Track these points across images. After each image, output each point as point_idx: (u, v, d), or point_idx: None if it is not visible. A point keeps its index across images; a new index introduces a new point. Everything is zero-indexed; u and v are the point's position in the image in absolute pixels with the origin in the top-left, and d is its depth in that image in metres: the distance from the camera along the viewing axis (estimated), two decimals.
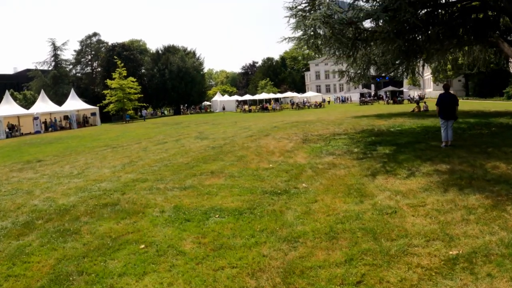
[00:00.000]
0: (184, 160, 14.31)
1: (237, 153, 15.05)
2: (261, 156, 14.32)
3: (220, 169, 12.29)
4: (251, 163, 13.05)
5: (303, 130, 21.99)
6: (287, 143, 17.03)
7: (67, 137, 34.05)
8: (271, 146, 16.41)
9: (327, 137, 18.05)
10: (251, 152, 15.24)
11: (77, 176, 13.15)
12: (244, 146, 16.90)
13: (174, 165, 13.53)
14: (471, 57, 29.54)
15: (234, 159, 13.92)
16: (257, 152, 15.05)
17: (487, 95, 58.57)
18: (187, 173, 11.95)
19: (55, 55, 71.52)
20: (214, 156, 14.71)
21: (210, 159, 14.15)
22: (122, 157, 16.69)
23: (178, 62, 73.23)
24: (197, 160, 14.20)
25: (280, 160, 13.27)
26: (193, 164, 13.39)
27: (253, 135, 20.99)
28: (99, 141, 25.84)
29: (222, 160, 13.88)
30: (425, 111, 33.61)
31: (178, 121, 44.63)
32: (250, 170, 11.81)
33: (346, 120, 26.99)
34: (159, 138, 23.96)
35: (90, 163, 15.76)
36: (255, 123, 30.89)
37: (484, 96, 59.55)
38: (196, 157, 14.89)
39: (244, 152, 15.18)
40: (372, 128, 20.90)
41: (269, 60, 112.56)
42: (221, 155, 14.97)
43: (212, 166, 12.86)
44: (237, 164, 12.99)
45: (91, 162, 16.13)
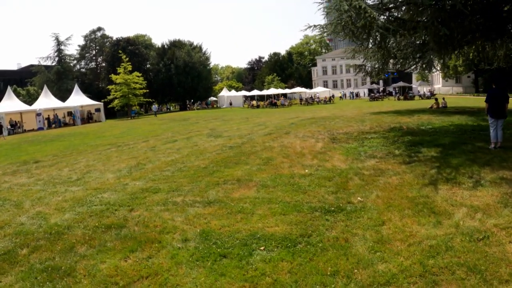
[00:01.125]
0: (201, 163, 12.20)
1: (261, 155, 12.98)
2: (291, 158, 12.24)
3: (247, 175, 10.18)
4: (282, 167, 10.95)
5: (325, 127, 20.01)
6: (314, 143, 14.99)
7: (70, 134, 32.02)
8: (298, 146, 14.35)
9: (356, 136, 16.08)
10: (276, 153, 13.18)
11: (76, 182, 11.08)
12: (266, 145, 14.82)
13: (189, 169, 11.44)
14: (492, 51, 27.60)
15: (260, 162, 11.83)
16: (285, 154, 12.96)
17: None
18: (207, 180, 9.85)
19: (59, 50, 69.39)
20: (235, 158, 12.63)
21: (231, 162, 12.06)
22: (128, 158, 14.61)
23: (184, 56, 70.99)
24: (216, 163, 12.11)
25: (315, 164, 11.19)
26: (212, 169, 11.30)
27: (272, 132, 18.97)
28: (103, 139, 23.78)
29: (246, 163, 11.78)
30: (444, 108, 31.44)
31: (185, 117, 42.52)
32: (284, 178, 9.70)
33: (366, 117, 24.90)
34: (168, 135, 21.87)
35: (92, 166, 13.68)
36: (269, 119, 28.84)
37: None
38: (214, 159, 12.81)
39: (269, 154, 13.09)
40: (400, 126, 18.92)
41: (275, 55, 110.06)
42: (243, 156, 12.89)
43: (236, 171, 10.77)
44: (266, 169, 10.89)
45: (93, 164, 14.04)
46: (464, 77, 73.24)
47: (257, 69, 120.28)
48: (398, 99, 58.18)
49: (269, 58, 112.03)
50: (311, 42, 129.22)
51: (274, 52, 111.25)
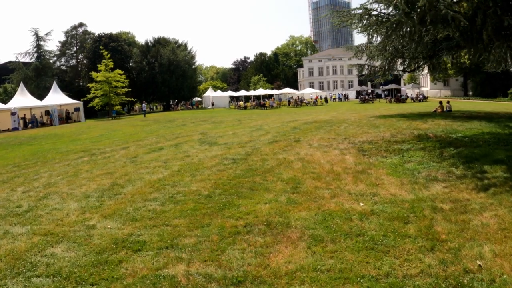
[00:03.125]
0: (200, 187, 8.76)
1: (280, 174, 9.67)
2: (325, 180, 8.97)
3: (278, 213, 6.85)
4: (323, 198, 7.67)
5: (337, 133, 16.95)
6: (340, 156, 11.87)
7: (43, 136, 28.14)
8: (322, 161, 11.10)
9: (386, 147, 12.98)
10: (300, 171, 9.90)
11: (24, 216, 7.60)
12: (280, 159, 11.51)
13: (186, 198, 7.99)
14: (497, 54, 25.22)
15: (285, 187, 8.52)
16: (312, 173, 9.67)
17: (489, 96, 54.56)
18: (219, 224, 6.45)
19: (38, 46, 64.80)
20: (248, 180, 9.25)
21: (244, 186, 8.68)
22: (102, 173, 11.06)
23: (169, 54, 66.99)
24: (222, 187, 8.69)
25: (366, 192, 7.96)
26: (220, 198, 7.89)
27: (277, 139, 15.69)
28: (77, 143, 20.06)
29: (266, 188, 8.44)
30: (449, 112, 28.62)
31: (170, 118, 38.77)
32: (337, 219, 6.47)
33: (374, 121, 21.81)
34: (152, 141, 18.31)
35: (54, 185, 10.11)
36: (264, 122, 25.46)
37: (485, 96, 55.48)
38: (216, 179, 9.38)
39: (291, 172, 9.79)
40: (424, 133, 15.79)
41: (261, 55, 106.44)
42: (257, 176, 9.50)
43: (258, 204, 7.44)
44: (300, 200, 7.58)
45: (55, 182, 10.45)
46: (452, 80, 71.21)
47: (242, 69, 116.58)
48: (390, 101, 55.43)
49: (255, 58, 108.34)
50: (296, 43, 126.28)
51: (260, 53, 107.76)
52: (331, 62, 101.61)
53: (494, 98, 52.02)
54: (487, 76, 54.43)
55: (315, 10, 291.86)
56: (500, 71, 49.57)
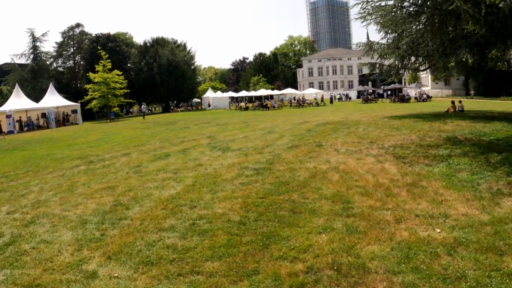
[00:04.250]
0: (227, 209, 7.00)
1: (319, 189, 8.07)
2: (376, 197, 7.44)
3: (345, 250, 5.24)
4: (387, 223, 6.18)
5: (359, 136, 15.39)
6: (377, 163, 10.29)
7: (39, 140, 26.26)
8: (360, 170, 9.48)
9: (423, 152, 11.42)
10: (341, 184, 8.31)
11: (0, 254, 5.69)
12: (310, 168, 9.83)
13: (214, 228, 6.27)
14: None
15: (334, 208, 6.90)
16: (357, 187, 8.13)
17: (492, 95, 52.97)
18: (271, 271, 4.86)
19: (34, 47, 62.64)
20: (282, 198, 7.58)
21: (281, 208, 7.02)
22: (101, 188, 9.24)
23: (168, 55, 64.91)
24: (255, 209, 7.00)
25: (433, 212, 6.57)
26: (258, 227, 6.22)
27: (295, 144, 14.01)
28: (73, 148, 18.23)
29: (311, 210, 6.83)
30: (461, 111, 26.99)
31: (171, 119, 36.90)
32: (423, 256, 5.02)
33: (391, 123, 20.21)
34: (155, 146, 16.50)
35: (44, 203, 8.30)
36: (273, 124, 23.72)
37: (488, 95, 53.95)
38: (244, 198, 7.66)
39: (331, 187, 8.15)
40: (452, 136, 14.19)
41: (261, 55, 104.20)
42: (291, 193, 7.82)
43: (310, 234, 5.86)
44: (360, 227, 6.03)
45: (46, 200, 8.64)
46: (453, 80, 69.66)
47: (241, 70, 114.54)
48: (394, 101, 53.73)
49: (254, 58, 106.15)
50: (295, 43, 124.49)
51: (259, 53, 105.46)
52: (331, 62, 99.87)
53: (497, 97, 50.24)
54: (490, 75, 52.91)
55: (313, 10, 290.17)
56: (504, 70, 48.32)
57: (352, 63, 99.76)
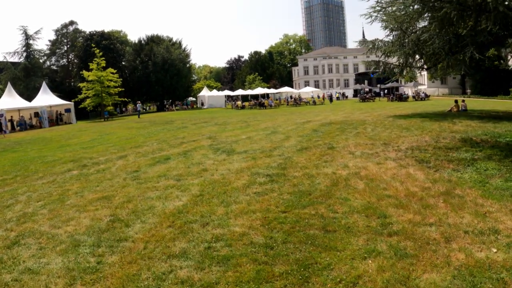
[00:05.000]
0: (246, 227, 6.01)
1: (346, 200, 7.13)
2: (412, 209, 6.52)
3: (400, 282, 4.32)
4: (436, 242, 5.35)
5: (369, 137, 14.53)
6: (399, 168, 9.33)
7: (31, 140, 25.06)
8: (385, 176, 8.64)
9: (446, 156, 10.55)
10: (369, 194, 7.41)
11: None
12: (329, 174, 8.92)
13: (235, 254, 5.21)
14: None
15: (370, 224, 5.97)
16: (388, 196, 7.22)
17: (489, 94, 52.34)
18: None
19: (27, 45, 61.03)
20: (307, 212, 6.62)
21: (310, 224, 6.04)
22: (96, 198, 8.15)
23: (163, 53, 63.56)
24: (278, 227, 6.01)
25: (481, 227, 5.78)
26: (288, 252, 5.23)
27: (305, 146, 13.03)
28: (66, 150, 17.08)
29: (345, 227, 5.90)
30: (464, 111, 26.20)
31: (167, 119, 35.71)
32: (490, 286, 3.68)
33: (398, 123, 19.37)
34: (153, 147, 15.40)
35: (31, 218, 7.25)
36: (274, 123, 22.70)
37: (485, 94, 53.30)
38: (263, 211, 6.65)
39: (359, 197, 7.22)
40: (467, 137, 13.37)
41: (256, 54, 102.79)
42: (317, 205, 6.83)
43: (354, 260, 4.92)
44: (409, 249, 5.14)
45: (33, 213, 7.54)
46: (450, 78, 69.01)
47: (236, 68, 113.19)
48: (392, 100, 52.86)
49: (249, 57, 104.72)
50: (290, 42, 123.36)
51: (255, 51, 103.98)
52: (327, 61, 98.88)
53: (495, 96, 49.61)
54: (487, 74, 52.26)
55: (308, 9, 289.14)
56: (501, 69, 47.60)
57: (348, 62, 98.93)
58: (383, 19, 24.78)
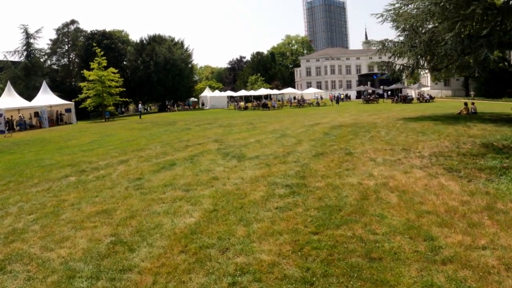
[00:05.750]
0: (275, 255, 5.09)
1: (382, 216, 6.26)
2: (459, 228, 5.61)
3: None
4: (499, 273, 4.35)
5: (386, 142, 13.56)
6: (429, 178, 8.43)
7: (30, 141, 24.09)
8: (416, 188, 7.87)
9: (474, 163, 9.68)
10: (405, 209, 6.54)
11: None
12: (355, 185, 8.07)
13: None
14: None
15: (416, 247, 5.14)
16: (426, 213, 6.39)
17: (493, 96, 51.41)
18: None
19: (28, 44, 59.89)
20: (342, 233, 5.75)
21: (350, 250, 5.13)
22: (94, 212, 7.20)
23: (165, 53, 62.46)
24: (313, 254, 5.10)
25: None
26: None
27: (320, 151, 12.15)
28: (64, 153, 16.11)
29: (390, 252, 5.09)
30: (474, 114, 25.36)
31: (169, 120, 34.73)
32: None
33: (410, 126, 18.66)
34: (156, 151, 14.44)
35: (20, 236, 6.36)
36: (281, 125, 21.80)
37: (489, 96, 52.37)
38: (292, 233, 5.77)
39: (395, 213, 6.41)
40: (488, 142, 12.59)
41: (258, 54, 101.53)
42: (351, 224, 6.00)
43: None
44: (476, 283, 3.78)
45: (23, 230, 6.62)
46: (453, 80, 68.06)
47: (238, 69, 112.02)
48: (396, 101, 51.93)
49: (251, 57, 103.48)
50: (293, 43, 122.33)
51: (257, 52, 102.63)
52: (329, 62, 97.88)
53: (499, 99, 48.50)
54: (492, 76, 51.31)
55: (310, 10, 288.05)
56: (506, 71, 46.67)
57: (351, 63, 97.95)
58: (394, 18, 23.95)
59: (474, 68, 23.00)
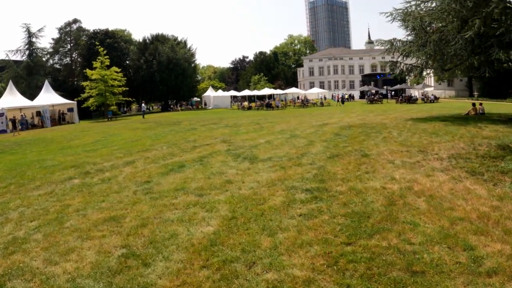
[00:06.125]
0: (308, 271, 4.58)
1: (414, 224, 5.77)
2: (497, 237, 5.15)
3: None
4: None
5: (400, 143, 12.95)
6: (454, 182, 7.97)
7: (31, 141, 23.57)
8: (443, 192, 7.58)
9: (496, 166, 9.15)
10: (436, 216, 5.99)
11: None
12: (378, 190, 7.63)
13: None
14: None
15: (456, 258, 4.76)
16: (459, 219, 5.98)
17: (497, 96, 50.87)
18: None
19: (30, 43, 59.47)
20: (376, 243, 5.27)
21: (389, 264, 4.64)
22: (102, 220, 6.69)
23: (168, 52, 61.85)
24: (351, 268, 4.64)
25: None
26: None
27: (335, 153, 11.61)
28: (67, 153, 15.58)
29: (431, 264, 4.53)
30: (481, 114, 24.81)
31: (173, 119, 34.16)
32: None
33: (421, 126, 18.20)
34: (163, 151, 13.89)
35: (21, 247, 5.86)
36: (289, 126, 21.27)
37: (493, 97, 51.86)
38: (322, 244, 5.30)
39: (427, 220, 6.00)
40: (503, 144, 12.05)
41: (261, 54, 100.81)
42: (384, 233, 5.51)
43: None
44: None
45: (24, 240, 6.12)
46: (457, 81, 67.46)
47: (241, 68, 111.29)
48: (401, 102, 51.32)
49: (254, 57, 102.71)
50: (295, 42, 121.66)
51: (260, 51, 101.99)
52: (332, 62, 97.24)
53: (503, 99, 48.14)
54: (496, 76, 50.64)
55: (312, 10, 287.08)
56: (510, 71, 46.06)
57: (354, 63, 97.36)
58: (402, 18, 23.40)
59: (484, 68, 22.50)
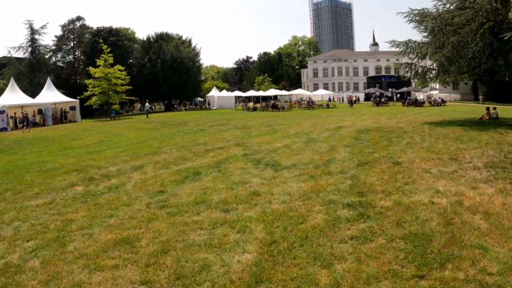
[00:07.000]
0: None
1: (487, 251, 4.53)
2: None
3: None
4: None
5: (427, 149, 11.92)
6: (502, 194, 7.06)
7: (32, 139, 22.51)
8: (497, 208, 6.73)
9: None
10: (508, 241, 4.55)
11: None
12: (428, 205, 6.69)
13: None
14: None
15: None
16: None
17: (503, 101, 49.70)
18: None
19: (33, 40, 58.29)
20: (459, 277, 4.09)
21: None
22: (112, 242, 5.58)
23: (172, 51, 60.62)
24: None
25: None
26: None
27: (364, 161, 10.53)
28: (69, 154, 14.47)
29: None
30: (495, 119, 23.78)
31: (178, 119, 33.03)
32: None
33: (440, 131, 17.39)
34: (173, 155, 12.77)
35: (14, 280, 4.61)
36: (301, 128, 20.38)
37: (499, 101, 50.68)
38: (393, 280, 3.95)
39: (495, 245, 4.79)
40: None
41: (265, 55, 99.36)
42: (456, 259, 4.67)
43: None
44: None
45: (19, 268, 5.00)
46: (462, 84, 66.51)
47: (245, 69, 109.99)
48: (407, 105, 50.22)
49: (258, 58, 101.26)
50: (299, 44, 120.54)
51: (264, 52, 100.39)
52: (336, 63, 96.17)
53: (510, 103, 46.56)
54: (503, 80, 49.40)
55: (316, 11, 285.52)
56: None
57: (358, 65, 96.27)
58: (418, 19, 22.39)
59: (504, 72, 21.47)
